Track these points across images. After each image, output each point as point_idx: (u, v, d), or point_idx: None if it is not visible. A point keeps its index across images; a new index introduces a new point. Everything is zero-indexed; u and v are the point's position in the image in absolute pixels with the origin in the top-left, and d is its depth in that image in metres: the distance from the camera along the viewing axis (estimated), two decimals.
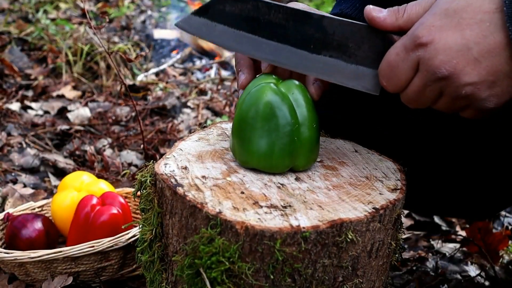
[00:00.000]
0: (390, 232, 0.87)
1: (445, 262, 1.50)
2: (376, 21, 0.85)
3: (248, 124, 0.88)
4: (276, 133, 0.87)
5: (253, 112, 0.88)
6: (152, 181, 0.89)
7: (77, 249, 1.22)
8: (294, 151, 0.88)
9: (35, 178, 1.84)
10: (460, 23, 0.77)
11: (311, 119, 0.89)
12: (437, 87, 0.81)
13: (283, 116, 0.86)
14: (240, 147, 0.90)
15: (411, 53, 0.81)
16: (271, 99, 0.87)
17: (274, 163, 0.88)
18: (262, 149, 0.87)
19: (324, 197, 0.85)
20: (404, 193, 0.90)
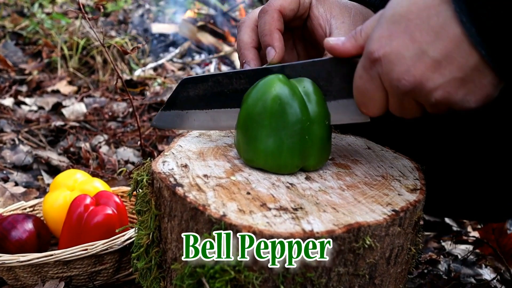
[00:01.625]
0: (409, 237, 0.79)
1: (457, 264, 1.42)
2: (336, 50, 0.79)
3: (255, 120, 0.80)
4: (285, 131, 0.79)
5: (260, 107, 0.80)
6: (149, 180, 0.81)
7: (69, 253, 1.15)
8: (304, 150, 0.81)
9: (28, 176, 1.77)
10: (408, 26, 0.69)
11: (323, 116, 0.81)
12: (409, 99, 0.74)
13: (293, 112, 0.79)
14: (246, 145, 0.82)
15: (371, 71, 0.74)
16: (280, 93, 0.79)
17: (283, 163, 0.81)
18: (270, 148, 0.80)
19: (338, 198, 0.77)
20: (425, 193, 0.82)
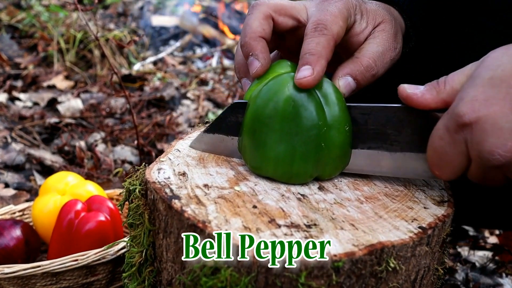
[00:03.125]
0: (437, 256, 0.70)
1: (476, 273, 1.33)
2: (413, 100, 0.70)
3: (264, 123, 0.71)
4: (298, 137, 0.70)
5: (271, 109, 0.71)
6: (142, 190, 0.72)
7: (58, 264, 1.05)
8: (320, 159, 0.71)
9: (19, 176, 1.67)
10: (509, 93, 0.61)
11: (343, 120, 0.72)
12: (499, 173, 0.65)
13: (308, 116, 0.70)
14: (253, 150, 0.73)
15: (456, 135, 0.65)
16: (294, 94, 0.70)
17: (295, 172, 0.71)
18: (281, 155, 0.71)
19: (357, 213, 0.68)
20: (454, 206, 0.73)
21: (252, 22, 0.75)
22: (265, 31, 0.75)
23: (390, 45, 0.79)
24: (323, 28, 0.73)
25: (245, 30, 0.76)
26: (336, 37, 0.74)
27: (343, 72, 0.76)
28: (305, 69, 0.70)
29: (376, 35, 0.79)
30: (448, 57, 1.00)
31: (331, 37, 0.73)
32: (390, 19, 0.81)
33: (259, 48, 0.75)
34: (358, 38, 0.79)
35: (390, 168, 0.74)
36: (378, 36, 0.79)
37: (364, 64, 0.76)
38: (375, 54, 0.77)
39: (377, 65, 0.77)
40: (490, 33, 0.99)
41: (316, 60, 0.71)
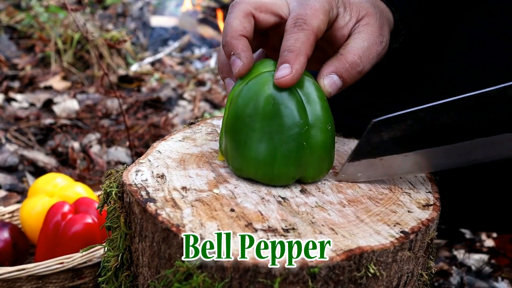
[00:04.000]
0: (421, 261, 0.68)
1: (471, 277, 1.31)
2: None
3: (245, 123, 0.69)
4: (279, 136, 0.68)
5: (251, 108, 0.69)
6: (118, 193, 0.70)
7: (43, 267, 1.04)
8: (302, 159, 0.69)
9: (12, 178, 1.66)
10: None
11: (326, 120, 0.70)
12: None
13: (289, 115, 0.68)
14: (234, 151, 0.71)
15: None
16: (274, 92, 0.68)
17: (276, 173, 0.69)
18: (261, 156, 0.69)
19: (338, 217, 0.66)
20: (439, 210, 0.71)
21: (232, 20, 0.73)
22: (246, 29, 0.73)
23: (376, 39, 0.76)
24: (303, 23, 0.70)
25: (226, 29, 0.73)
26: (316, 32, 0.71)
27: (328, 71, 0.73)
28: (283, 68, 0.68)
29: (360, 29, 0.76)
30: (444, 56, 0.98)
31: (310, 32, 0.70)
32: (375, 12, 0.78)
33: (240, 47, 0.72)
34: (342, 32, 0.76)
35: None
36: (363, 30, 0.76)
37: (349, 60, 0.73)
38: (360, 49, 0.74)
39: (363, 61, 0.74)
40: (486, 32, 0.98)
41: (294, 58, 0.68)
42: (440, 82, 0.95)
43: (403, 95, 0.96)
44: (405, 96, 0.95)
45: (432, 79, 0.96)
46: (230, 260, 0.57)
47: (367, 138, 0.72)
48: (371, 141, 0.72)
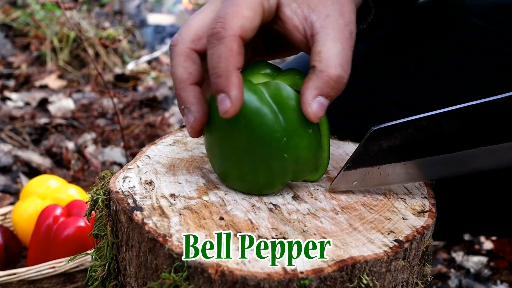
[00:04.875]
0: (416, 269, 0.66)
1: (470, 280, 1.29)
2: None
3: (221, 143, 0.66)
4: (257, 155, 0.64)
5: (224, 130, 0.65)
6: (105, 200, 0.68)
7: (34, 271, 1.03)
8: (286, 170, 0.67)
9: (6, 178, 1.64)
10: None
11: (305, 125, 0.66)
12: None
13: (263, 133, 0.63)
14: (218, 160, 0.69)
15: None
16: (245, 111, 0.63)
17: (262, 186, 0.68)
18: (244, 173, 0.67)
19: (330, 224, 0.64)
20: (435, 216, 0.69)
21: (175, 70, 0.65)
22: (193, 73, 0.65)
23: (345, 33, 0.65)
24: (221, 28, 0.60)
25: (173, 80, 0.67)
26: (240, 33, 0.61)
27: (312, 95, 0.64)
28: (222, 101, 0.61)
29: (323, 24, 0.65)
30: (442, 59, 0.97)
31: (231, 38, 0.60)
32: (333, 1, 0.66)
33: (190, 100, 0.65)
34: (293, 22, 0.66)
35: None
36: (326, 26, 0.65)
37: (333, 76, 0.64)
38: (338, 57, 0.64)
39: (346, 69, 0.65)
40: (484, 34, 0.96)
41: (226, 83, 0.60)
42: (439, 86, 0.94)
43: (401, 99, 0.94)
44: (403, 100, 0.94)
45: (431, 83, 0.94)
46: (217, 272, 0.55)
47: (365, 146, 0.70)
48: (369, 149, 0.70)
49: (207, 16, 0.67)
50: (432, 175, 0.72)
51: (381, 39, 1.01)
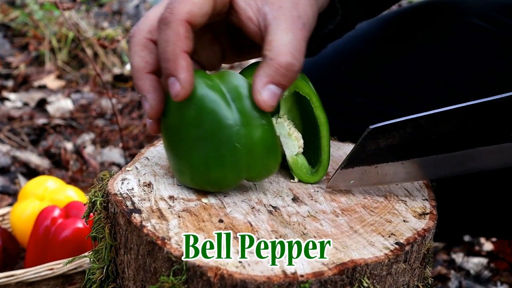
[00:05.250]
0: (417, 272, 0.66)
1: (470, 281, 1.28)
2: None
3: (173, 133, 0.66)
4: (208, 143, 0.63)
5: (175, 117, 0.65)
6: (103, 202, 0.68)
7: (32, 273, 1.02)
8: (239, 161, 0.64)
9: (5, 179, 1.64)
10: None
11: (258, 115, 0.64)
12: None
13: (214, 119, 0.63)
14: (171, 161, 0.68)
15: None
16: (196, 97, 0.63)
17: (213, 180, 0.66)
18: (195, 165, 0.65)
19: (330, 227, 0.64)
20: (436, 219, 0.68)
21: (132, 60, 0.67)
22: (149, 62, 0.66)
23: (297, 24, 0.65)
24: (168, 13, 0.61)
25: (131, 70, 0.68)
26: (188, 18, 0.61)
27: (262, 83, 0.64)
28: (172, 84, 0.62)
29: (275, 15, 0.65)
30: (442, 60, 0.96)
31: (178, 22, 0.61)
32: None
33: (146, 88, 0.66)
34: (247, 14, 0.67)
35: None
36: (278, 17, 0.65)
37: (283, 64, 0.63)
38: (288, 46, 0.63)
39: (297, 57, 0.64)
40: (484, 34, 0.95)
41: (174, 67, 0.61)
42: (439, 87, 0.93)
43: (401, 100, 0.93)
44: (403, 101, 0.93)
45: (431, 84, 0.94)
46: (216, 275, 0.54)
47: (362, 145, 0.70)
48: (367, 148, 0.70)
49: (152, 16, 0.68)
50: (430, 175, 0.72)
51: (381, 40, 1.01)
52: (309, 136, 0.76)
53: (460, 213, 0.96)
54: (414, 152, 0.70)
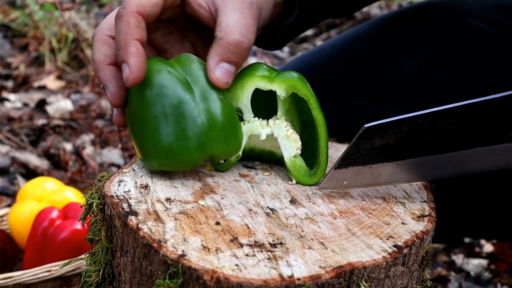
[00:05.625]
0: (415, 275, 0.65)
1: (470, 283, 1.28)
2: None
3: (136, 117, 0.68)
4: (169, 118, 0.66)
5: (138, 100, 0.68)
6: (99, 205, 0.67)
7: (30, 274, 1.02)
8: (201, 135, 0.67)
9: (3, 180, 1.64)
10: None
11: (215, 91, 0.68)
12: None
13: (172, 94, 0.67)
14: (137, 145, 0.70)
15: None
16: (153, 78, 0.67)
17: (178, 156, 0.67)
18: (160, 144, 0.67)
19: (328, 229, 0.63)
20: (434, 221, 0.68)
21: (94, 54, 0.71)
22: (108, 55, 0.70)
23: (244, 4, 0.69)
24: (121, 9, 0.67)
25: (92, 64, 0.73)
26: (137, 9, 0.67)
27: (215, 61, 0.68)
28: (123, 69, 0.66)
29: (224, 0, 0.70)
30: (442, 62, 0.95)
31: (128, 14, 0.66)
32: None
33: (106, 77, 0.70)
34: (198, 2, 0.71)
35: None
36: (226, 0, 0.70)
37: (232, 42, 0.68)
38: (236, 24, 0.68)
39: (246, 35, 0.68)
40: (484, 35, 0.95)
41: (124, 53, 0.65)
42: (440, 89, 0.93)
43: (400, 102, 0.93)
44: (403, 103, 0.93)
45: (431, 86, 0.93)
46: (213, 279, 0.54)
47: (357, 144, 0.69)
48: (361, 147, 0.69)
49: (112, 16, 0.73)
50: (426, 176, 0.71)
51: (381, 41, 1.00)
52: (308, 137, 0.75)
53: (460, 215, 0.96)
54: (410, 152, 0.69)
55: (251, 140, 0.76)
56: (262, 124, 0.74)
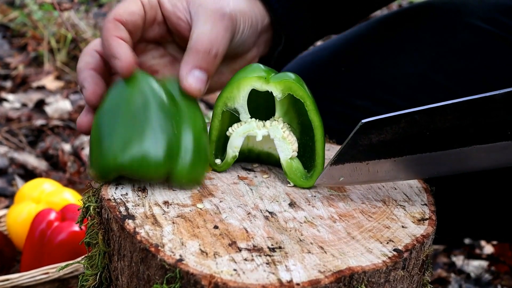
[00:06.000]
0: (415, 279, 0.64)
1: (470, 285, 1.27)
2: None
3: (108, 115, 0.68)
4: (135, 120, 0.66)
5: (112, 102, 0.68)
6: (96, 208, 0.66)
7: (27, 277, 1.01)
8: (173, 146, 0.67)
9: (2, 181, 1.63)
10: None
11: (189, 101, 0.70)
12: None
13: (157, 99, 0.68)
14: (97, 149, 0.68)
15: None
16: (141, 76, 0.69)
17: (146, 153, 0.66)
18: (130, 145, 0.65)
19: (328, 233, 0.63)
20: (435, 224, 0.67)
21: (78, 64, 0.74)
22: (89, 62, 0.73)
23: (216, 15, 0.72)
24: (103, 22, 0.71)
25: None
26: (115, 16, 0.70)
27: (187, 69, 0.70)
28: (114, 63, 0.69)
29: (196, 11, 0.73)
30: (443, 62, 0.95)
31: (109, 21, 0.70)
32: None
33: (82, 77, 0.72)
34: (177, 15, 0.75)
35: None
36: (198, 12, 0.73)
37: (201, 49, 0.70)
38: (205, 34, 0.71)
39: (214, 43, 0.71)
40: (484, 36, 0.94)
41: (110, 48, 0.68)
42: (441, 89, 0.92)
43: (401, 102, 0.92)
44: (403, 103, 0.92)
45: (432, 87, 0.92)
46: (211, 284, 0.53)
47: (354, 140, 0.67)
48: (358, 143, 0.68)
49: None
50: (424, 174, 0.70)
51: (382, 41, 1.00)
52: (307, 140, 0.75)
53: (460, 216, 0.95)
54: (407, 149, 0.68)
55: (250, 141, 0.76)
56: (259, 125, 0.73)
